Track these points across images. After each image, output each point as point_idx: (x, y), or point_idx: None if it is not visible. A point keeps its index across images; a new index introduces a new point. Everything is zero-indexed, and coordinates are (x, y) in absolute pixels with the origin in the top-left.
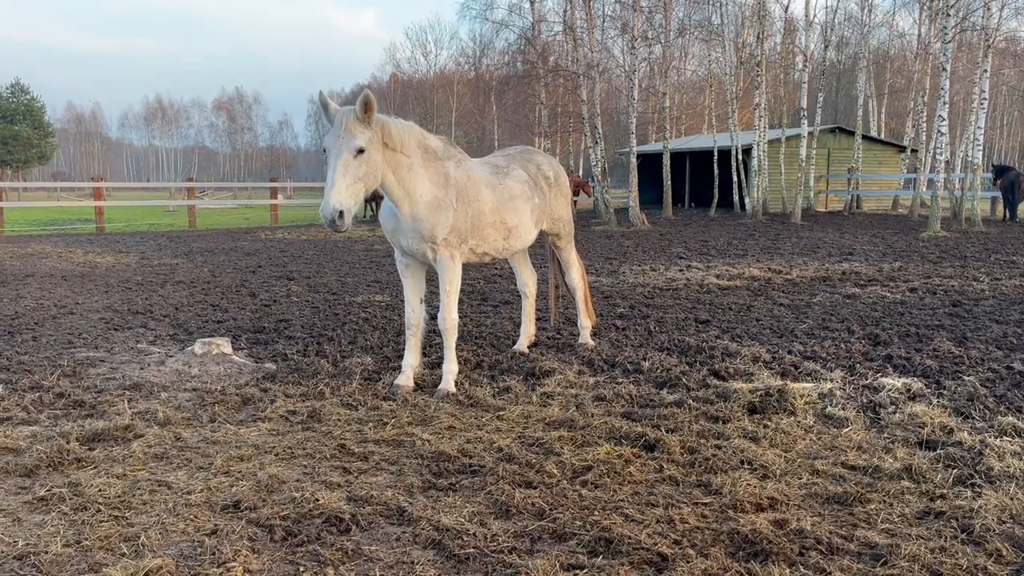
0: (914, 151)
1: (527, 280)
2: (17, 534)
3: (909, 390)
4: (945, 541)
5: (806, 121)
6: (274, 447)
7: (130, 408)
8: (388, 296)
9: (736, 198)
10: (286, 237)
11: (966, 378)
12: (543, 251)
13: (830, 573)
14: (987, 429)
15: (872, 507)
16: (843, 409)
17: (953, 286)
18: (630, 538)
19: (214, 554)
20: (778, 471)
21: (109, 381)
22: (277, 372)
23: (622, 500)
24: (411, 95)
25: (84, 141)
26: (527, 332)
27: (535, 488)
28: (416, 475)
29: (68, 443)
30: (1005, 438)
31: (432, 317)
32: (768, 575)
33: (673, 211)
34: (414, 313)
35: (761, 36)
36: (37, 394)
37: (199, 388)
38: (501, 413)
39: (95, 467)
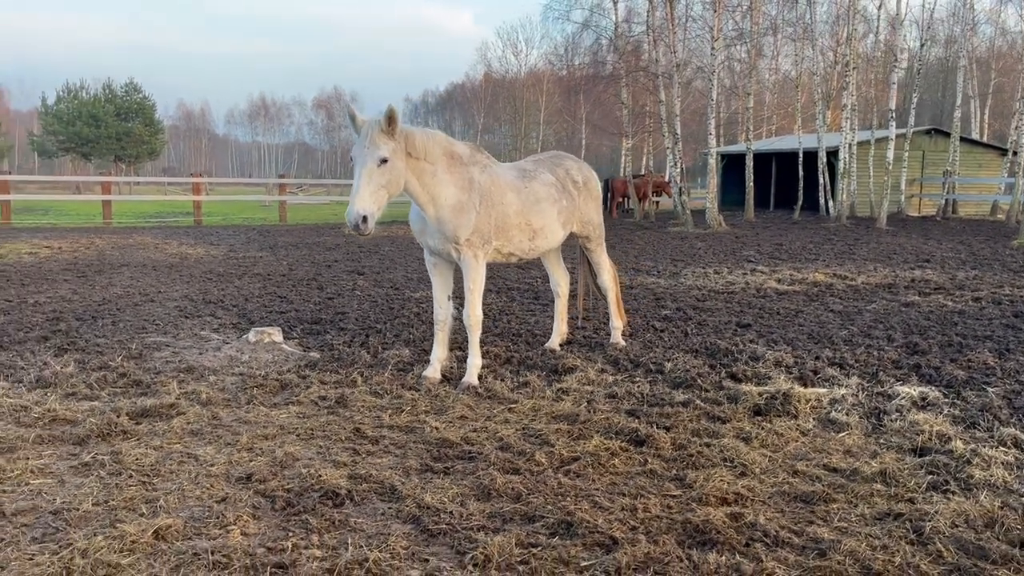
0: (1015, 153)
1: (560, 280)
2: (58, 493)
3: (925, 399)
4: (891, 540)
5: (894, 122)
6: (297, 428)
7: (179, 389)
8: None
9: (822, 201)
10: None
11: (989, 389)
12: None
13: (764, 562)
14: (987, 439)
15: (834, 507)
16: (847, 415)
17: (1022, 296)
18: (589, 522)
19: (219, 518)
20: (757, 470)
21: (168, 364)
22: (319, 360)
23: (596, 489)
24: (501, 94)
25: (192, 137)
26: (559, 331)
27: (520, 474)
28: (417, 458)
29: (118, 417)
30: (1001, 448)
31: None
32: (704, 561)
33: (757, 213)
34: (441, 309)
35: (851, 36)
36: (103, 373)
37: (245, 373)
38: (513, 406)
39: (138, 439)
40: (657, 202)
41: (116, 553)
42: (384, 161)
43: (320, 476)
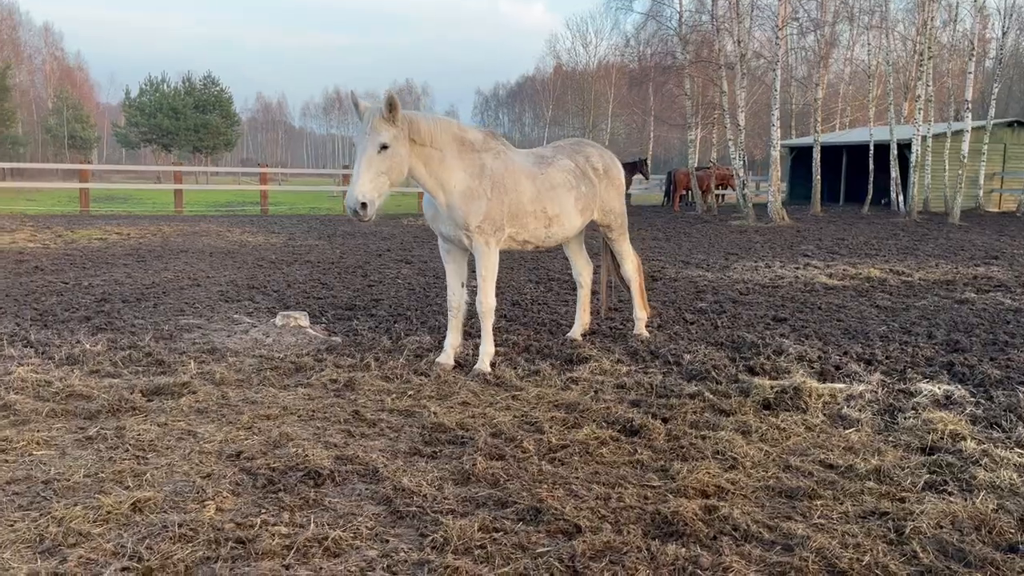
0: None
1: (582, 270)
2: (55, 464)
3: (949, 397)
4: (867, 539)
5: (970, 114)
6: (300, 409)
7: (196, 368)
8: None
9: (893, 195)
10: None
11: (1021, 390)
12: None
13: (724, 555)
14: (1003, 440)
15: (818, 503)
16: (859, 411)
17: None
18: (557, 510)
19: (199, 493)
20: (748, 463)
21: (194, 345)
22: (339, 345)
23: (576, 478)
24: (570, 86)
25: (270, 129)
26: (581, 321)
27: (504, 460)
28: (409, 442)
29: (131, 394)
30: (1017, 450)
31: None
32: (662, 552)
33: (825, 208)
34: (455, 296)
35: (928, 23)
36: (129, 352)
37: (264, 355)
38: (518, 394)
39: (145, 416)
40: (723, 195)
41: (90, 523)
42: (384, 147)
43: (307, 456)
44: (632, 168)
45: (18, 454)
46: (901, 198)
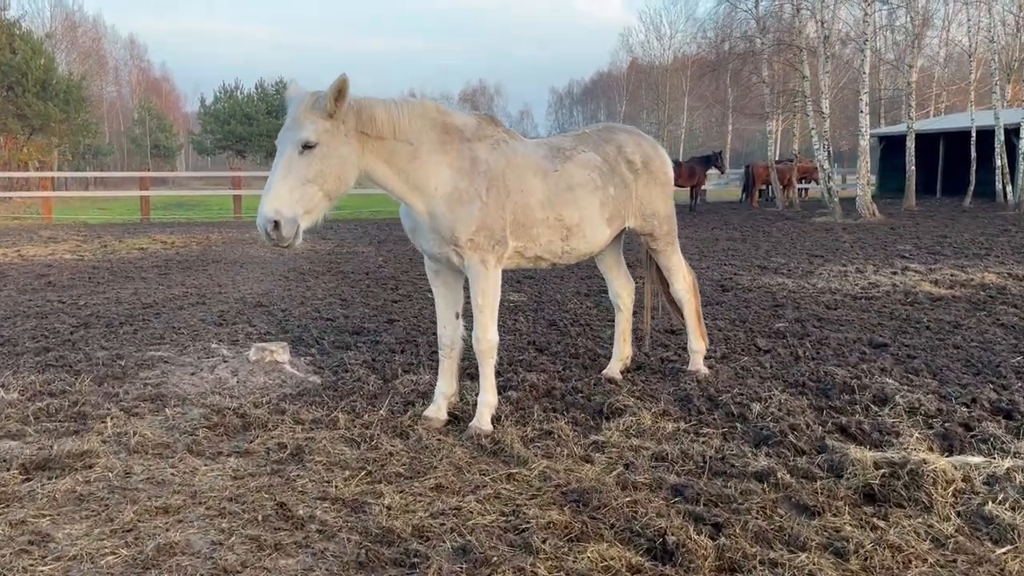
0: None
1: (620, 291)
2: None
3: None
4: None
5: None
6: (213, 496)
7: (114, 428)
8: (524, 296)
9: (999, 186)
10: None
11: None
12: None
13: None
14: None
15: None
16: (1013, 509)
17: None
18: None
19: None
20: None
21: (141, 389)
22: (314, 388)
23: None
24: (644, 80)
25: None
26: (620, 355)
27: None
28: (336, 562)
29: (8, 471)
30: None
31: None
32: None
33: (920, 201)
34: (446, 330)
35: None
36: (51, 401)
37: (215, 404)
38: (517, 471)
39: (5, 507)
40: (806, 189)
41: None
42: (308, 146)
43: None
44: (707, 162)
45: None
46: (1009, 188)
